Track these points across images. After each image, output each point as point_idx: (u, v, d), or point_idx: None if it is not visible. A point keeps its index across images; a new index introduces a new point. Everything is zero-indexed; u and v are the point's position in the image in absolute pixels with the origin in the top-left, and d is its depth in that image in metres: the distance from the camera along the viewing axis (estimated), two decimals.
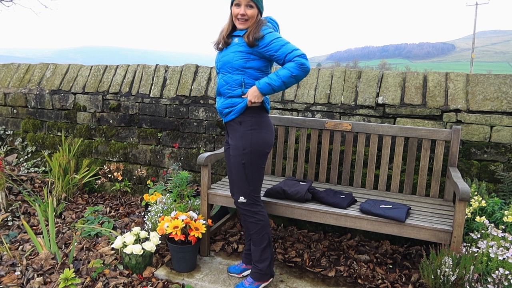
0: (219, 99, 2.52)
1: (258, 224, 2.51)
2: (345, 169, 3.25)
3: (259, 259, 2.55)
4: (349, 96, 3.48)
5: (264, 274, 2.56)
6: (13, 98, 4.95)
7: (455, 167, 2.89)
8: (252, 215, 2.51)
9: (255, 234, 2.53)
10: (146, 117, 4.25)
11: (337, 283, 2.73)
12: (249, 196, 2.49)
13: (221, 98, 2.49)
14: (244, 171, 2.44)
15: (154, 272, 2.79)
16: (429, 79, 3.32)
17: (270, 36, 2.31)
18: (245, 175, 2.45)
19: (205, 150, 3.99)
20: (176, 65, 4.27)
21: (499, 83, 3.13)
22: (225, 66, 2.42)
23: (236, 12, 2.34)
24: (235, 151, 2.44)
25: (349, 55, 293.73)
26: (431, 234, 2.41)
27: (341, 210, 2.63)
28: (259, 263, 2.56)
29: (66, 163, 4.00)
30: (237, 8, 2.34)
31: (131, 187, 4.29)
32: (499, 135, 3.07)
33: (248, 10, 2.32)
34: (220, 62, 2.45)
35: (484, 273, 2.18)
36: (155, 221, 2.98)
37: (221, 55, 2.46)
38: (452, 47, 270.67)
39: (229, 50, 2.41)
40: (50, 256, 2.82)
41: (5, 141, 5.04)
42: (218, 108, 2.52)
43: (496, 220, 2.60)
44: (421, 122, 3.24)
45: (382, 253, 3.12)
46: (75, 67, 4.80)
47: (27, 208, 3.83)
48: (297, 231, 3.48)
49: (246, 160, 2.42)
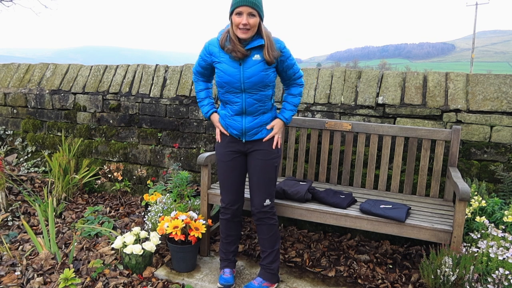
0: (242, 119, 2.41)
1: (276, 225, 2.56)
2: (345, 169, 3.25)
3: (272, 260, 2.56)
4: (349, 96, 3.48)
5: (275, 274, 2.59)
6: (13, 98, 4.95)
7: (455, 167, 2.89)
8: (273, 216, 2.55)
9: (273, 235, 2.54)
10: (146, 117, 4.25)
11: (337, 283, 2.73)
12: (272, 197, 2.55)
13: (246, 118, 2.41)
14: (275, 174, 2.53)
15: (154, 272, 2.79)
16: (429, 79, 3.32)
17: (287, 52, 2.41)
18: (275, 177, 2.54)
19: (205, 150, 3.99)
20: (176, 65, 4.27)
21: (499, 83, 3.13)
22: (255, 86, 2.34)
23: (237, 21, 2.22)
24: (269, 155, 2.48)
25: (349, 55, 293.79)
26: (431, 234, 2.41)
27: (341, 210, 2.63)
28: (272, 263, 2.56)
29: (66, 163, 4.00)
30: (239, 17, 2.22)
31: (131, 187, 4.29)
32: (499, 135, 3.07)
33: (251, 19, 2.21)
34: (247, 82, 2.32)
35: (484, 273, 2.18)
36: (155, 221, 2.98)
37: (245, 75, 2.31)
38: (452, 47, 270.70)
39: (255, 69, 2.31)
40: (50, 256, 2.82)
41: (5, 141, 5.04)
42: (244, 128, 2.42)
43: (496, 220, 2.60)
44: (421, 122, 3.24)
45: (382, 253, 3.12)
46: (75, 67, 4.80)
47: (27, 208, 3.83)
48: (297, 231, 3.48)
49: (278, 163, 2.53)
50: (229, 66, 2.33)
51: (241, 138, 2.47)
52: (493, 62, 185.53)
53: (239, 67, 2.32)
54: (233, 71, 2.32)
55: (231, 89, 2.37)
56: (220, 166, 2.57)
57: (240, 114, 2.41)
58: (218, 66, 2.38)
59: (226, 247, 2.69)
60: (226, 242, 2.69)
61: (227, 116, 2.46)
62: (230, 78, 2.33)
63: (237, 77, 2.32)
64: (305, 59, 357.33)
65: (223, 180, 2.58)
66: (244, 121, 2.41)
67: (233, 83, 2.34)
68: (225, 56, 2.34)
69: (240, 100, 2.37)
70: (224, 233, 2.67)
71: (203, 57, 2.47)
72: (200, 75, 2.60)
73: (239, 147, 2.50)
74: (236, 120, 2.42)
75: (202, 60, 2.49)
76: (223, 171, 2.56)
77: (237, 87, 2.35)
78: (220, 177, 2.59)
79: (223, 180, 2.58)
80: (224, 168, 2.55)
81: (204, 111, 2.62)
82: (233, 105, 2.41)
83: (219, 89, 2.44)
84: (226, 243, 2.69)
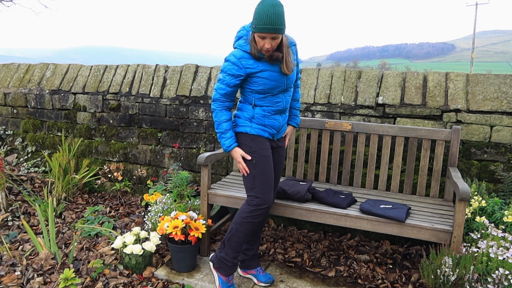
0: (279, 117, 2.48)
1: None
2: (345, 169, 3.25)
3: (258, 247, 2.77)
4: (349, 96, 3.48)
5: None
6: (13, 98, 4.95)
7: (455, 167, 2.89)
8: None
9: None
10: (146, 117, 4.25)
11: (337, 283, 2.73)
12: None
13: (282, 116, 2.51)
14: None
15: (154, 272, 2.79)
16: (429, 79, 3.32)
17: (296, 52, 2.50)
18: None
19: (205, 150, 3.99)
20: (176, 65, 4.27)
21: (499, 83, 3.13)
22: (291, 85, 2.47)
23: (261, 44, 2.23)
24: (284, 151, 2.67)
25: (349, 55, 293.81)
26: (431, 234, 2.41)
27: (341, 210, 2.63)
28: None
29: (66, 163, 4.00)
30: (262, 40, 2.22)
31: (131, 187, 4.29)
32: (499, 135, 3.07)
33: (273, 41, 2.23)
34: (287, 83, 2.42)
35: (484, 273, 2.18)
36: (155, 221, 2.98)
37: (287, 78, 2.40)
38: (452, 47, 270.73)
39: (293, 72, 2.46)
40: (50, 256, 2.82)
41: (5, 141, 5.04)
42: (280, 125, 2.50)
43: (496, 220, 2.60)
44: (421, 122, 3.24)
45: (382, 253, 3.12)
46: (75, 67, 4.80)
47: (27, 208, 3.83)
48: (297, 231, 3.48)
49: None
50: (272, 73, 2.34)
51: (275, 137, 2.53)
52: (493, 62, 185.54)
53: (281, 71, 2.37)
54: (277, 77, 2.36)
55: (275, 92, 2.39)
56: (264, 162, 2.43)
57: (279, 113, 2.47)
58: (259, 75, 2.33)
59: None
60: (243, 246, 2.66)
61: (266, 116, 2.43)
62: (276, 83, 2.36)
63: (282, 81, 2.38)
64: (305, 59, 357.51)
65: (267, 176, 2.44)
66: (281, 118, 2.49)
67: (278, 87, 2.38)
68: (265, 65, 2.33)
69: (281, 99, 2.44)
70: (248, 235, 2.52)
71: (235, 74, 2.33)
72: (227, 99, 2.41)
73: (271, 143, 2.54)
74: (276, 119, 2.46)
75: (235, 79, 2.34)
76: (268, 166, 2.45)
77: (281, 90, 2.41)
78: (266, 175, 2.44)
79: (267, 177, 2.44)
80: (269, 163, 2.45)
81: (227, 144, 2.42)
82: (274, 105, 2.42)
83: (257, 95, 2.39)
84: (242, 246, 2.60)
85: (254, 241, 2.70)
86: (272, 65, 2.33)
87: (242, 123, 2.46)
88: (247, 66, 2.31)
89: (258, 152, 2.43)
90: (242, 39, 2.35)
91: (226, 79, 2.35)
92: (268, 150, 2.47)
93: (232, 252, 2.50)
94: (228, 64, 2.33)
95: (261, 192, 2.42)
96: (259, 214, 2.44)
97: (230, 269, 2.53)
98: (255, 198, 2.42)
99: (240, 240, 2.49)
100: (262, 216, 2.46)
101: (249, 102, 2.43)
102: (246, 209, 2.45)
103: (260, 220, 2.47)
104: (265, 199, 2.42)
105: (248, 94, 2.41)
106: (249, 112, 2.43)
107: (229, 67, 2.32)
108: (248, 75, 2.33)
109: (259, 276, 2.67)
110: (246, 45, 2.31)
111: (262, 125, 2.44)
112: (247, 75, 2.34)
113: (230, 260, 2.51)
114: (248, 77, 2.35)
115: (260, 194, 2.42)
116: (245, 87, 2.41)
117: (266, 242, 3.26)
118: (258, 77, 2.32)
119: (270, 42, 2.21)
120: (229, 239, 2.50)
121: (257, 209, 2.42)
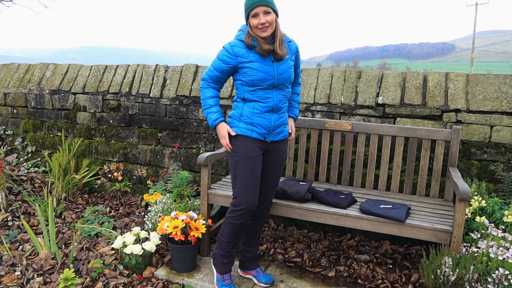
0: (270, 116, 2.41)
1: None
2: (345, 169, 3.25)
3: (258, 248, 2.77)
4: (349, 96, 3.48)
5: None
6: (13, 98, 4.95)
7: (455, 167, 2.89)
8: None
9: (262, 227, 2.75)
10: (146, 117, 4.25)
11: (337, 283, 2.73)
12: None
13: (274, 115, 2.43)
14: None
15: (154, 272, 2.79)
16: (429, 79, 3.32)
17: (299, 52, 2.57)
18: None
19: (205, 150, 3.99)
20: (176, 65, 4.27)
21: (499, 83, 3.13)
22: (285, 82, 2.42)
23: (255, 23, 2.29)
24: (284, 155, 2.60)
25: (349, 55, 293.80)
26: (431, 234, 2.41)
27: (341, 210, 2.63)
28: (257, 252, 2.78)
29: (66, 163, 4.00)
30: (255, 19, 2.29)
31: (131, 187, 4.29)
32: (499, 135, 3.07)
33: (267, 17, 2.28)
34: (280, 78, 2.38)
35: (484, 273, 2.18)
36: (155, 221, 2.98)
37: (279, 72, 2.37)
38: (452, 47, 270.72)
39: (286, 66, 2.40)
40: (50, 256, 2.82)
41: (5, 141, 5.04)
42: (272, 126, 2.42)
43: (496, 220, 2.60)
44: (421, 122, 3.24)
45: (382, 253, 3.12)
46: (75, 67, 4.80)
47: (27, 208, 3.83)
48: (297, 231, 3.48)
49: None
50: (262, 64, 2.35)
51: (266, 138, 2.45)
52: (493, 62, 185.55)
53: (272, 64, 2.37)
54: (267, 68, 2.35)
55: (264, 85, 2.38)
56: (246, 163, 2.39)
57: (270, 111, 2.42)
58: (248, 65, 2.35)
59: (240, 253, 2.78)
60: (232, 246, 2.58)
61: (254, 114, 2.40)
62: (265, 75, 2.35)
63: (271, 74, 2.36)
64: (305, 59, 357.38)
65: (251, 177, 2.40)
66: (273, 118, 2.43)
67: (267, 80, 2.36)
68: (255, 55, 2.35)
69: (272, 96, 2.40)
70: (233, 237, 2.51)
71: (225, 60, 2.38)
72: (213, 81, 2.47)
73: (263, 145, 2.47)
74: (266, 117, 2.41)
75: (224, 64, 2.39)
76: (251, 167, 2.40)
77: (271, 84, 2.37)
78: (246, 176, 2.40)
79: (251, 178, 2.40)
80: (253, 164, 2.40)
81: (213, 118, 2.43)
82: (264, 101, 2.40)
83: (246, 88, 2.39)
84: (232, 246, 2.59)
85: (252, 243, 2.70)
86: (263, 58, 2.36)
87: (231, 122, 2.49)
88: (238, 54, 2.36)
89: (241, 152, 2.41)
90: (240, 31, 2.45)
91: (215, 62, 2.45)
92: (255, 151, 2.41)
93: (221, 251, 2.57)
94: (222, 50, 2.43)
95: (240, 192, 2.41)
96: (238, 216, 2.42)
97: (222, 267, 2.58)
98: (234, 198, 2.46)
99: (226, 240, 2.52)
100: (242, 218, 2.42)
101: (240, 96, 2.45)
102: (229, 210, 2.50)
103: (240, 222, 2.43)
104: (241, 201, 2.40)
105: (239, 87, 2.45)
106: (239, 109, 2.45)
107: (222, 52, 2.42)
108: (239, 63, 2.38)
109: (259, 276, 2.68)
110: (242, 35, 2.41)
111: (249, 124, 2.41)
112: (237, 64, 2.38)
113: (220, 259, 2.58)
114: (239, 68, 2.40)
115: (238, 194, 2.42)
116: (236, 78, 2.46)
117: (266, 242, 3.26)
118: (247, 68, 2.36)
119: (264, 18, 2.28)
120: (219, 238, 2.59)
121: (235, 210, 2.43)
